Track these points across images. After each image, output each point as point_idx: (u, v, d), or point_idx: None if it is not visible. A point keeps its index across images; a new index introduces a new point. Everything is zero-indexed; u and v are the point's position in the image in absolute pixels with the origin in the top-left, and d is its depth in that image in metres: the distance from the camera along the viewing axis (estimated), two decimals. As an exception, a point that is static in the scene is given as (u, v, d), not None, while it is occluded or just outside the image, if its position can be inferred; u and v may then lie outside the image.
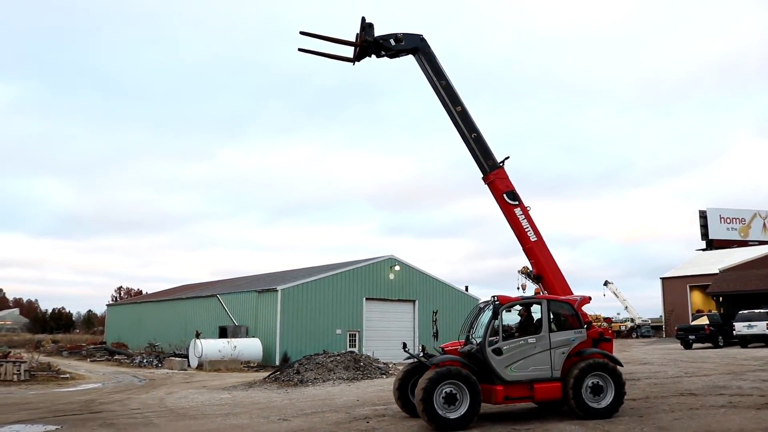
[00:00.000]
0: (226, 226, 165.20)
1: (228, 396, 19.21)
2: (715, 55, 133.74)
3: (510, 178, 14.42)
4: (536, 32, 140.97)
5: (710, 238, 67.89)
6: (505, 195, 14.21)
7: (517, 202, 14.22)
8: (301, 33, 14.70)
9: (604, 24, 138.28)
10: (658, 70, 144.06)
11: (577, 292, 14.04)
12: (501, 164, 14.47)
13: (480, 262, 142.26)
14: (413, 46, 14.74)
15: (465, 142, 14.67)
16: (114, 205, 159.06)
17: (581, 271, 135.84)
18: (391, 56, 15.00)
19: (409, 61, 15.10)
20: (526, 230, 14.17)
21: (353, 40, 14.79)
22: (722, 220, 68.30)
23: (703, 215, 68.75)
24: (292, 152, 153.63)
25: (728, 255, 57.91)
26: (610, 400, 12.25)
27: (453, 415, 11.57)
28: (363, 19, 14.68)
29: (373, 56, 15.01)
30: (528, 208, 14.31)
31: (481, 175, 14.62)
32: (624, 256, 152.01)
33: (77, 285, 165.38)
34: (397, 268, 39.42)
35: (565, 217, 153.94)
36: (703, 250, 67.57)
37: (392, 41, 14.69)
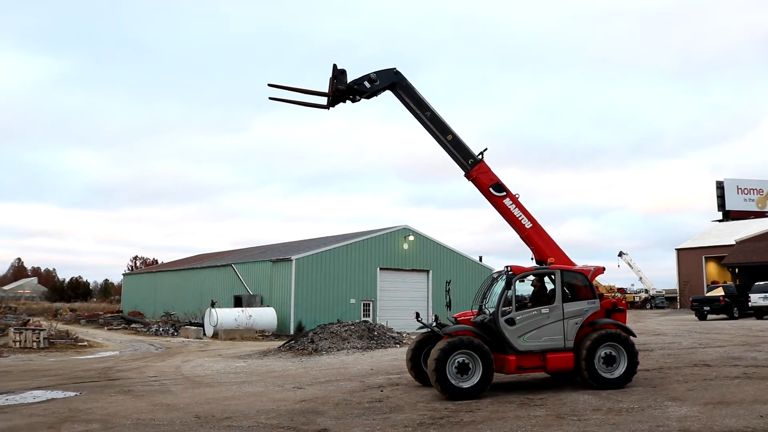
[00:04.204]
0: (252, 197, 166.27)
1: (243, 364, 19.43)
2: (753, 28, 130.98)
3: (492, 169, 14.05)
4: (574, 6, 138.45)
5: (727, 209, 67.13)
6: (491, 188, 13.95)
7: (504, 193, 13.95)
8: (270, 85, 14.16)
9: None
10: (694, 44, 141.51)
11: (595, 262, 14.01)
12: (480, 158, 14.15)
13: (501, 233, 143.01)
14: (390, 82, 14.13)
15: (454, 160, 14.27)
16: (145, 177, 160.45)
17: (602, 242, 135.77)
18: (368, 97, 14.37)
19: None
20: (520, 218, 13.92)
21: (325, 88, 14.17)
22: (739, 190, 67.40)
23: (720, 186, 67.89)
24: (327, 124, 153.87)
25: (745, 226, 57.38)
26: (623, 371, 12.26)
27: (466, 385, 11.65)
28: (335, 66, 14.08)
29: (348, 101, 14.37)
30: (517, 196, 14.05)
31: (463, 173, 14.25)
32: (646, 227, 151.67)
33: (99, 254, 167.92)
34: (411, 238, 39.44)
35: (592, 188, 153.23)
36: (720, 221, 66.91)
37: (366, 83, 14.05)
